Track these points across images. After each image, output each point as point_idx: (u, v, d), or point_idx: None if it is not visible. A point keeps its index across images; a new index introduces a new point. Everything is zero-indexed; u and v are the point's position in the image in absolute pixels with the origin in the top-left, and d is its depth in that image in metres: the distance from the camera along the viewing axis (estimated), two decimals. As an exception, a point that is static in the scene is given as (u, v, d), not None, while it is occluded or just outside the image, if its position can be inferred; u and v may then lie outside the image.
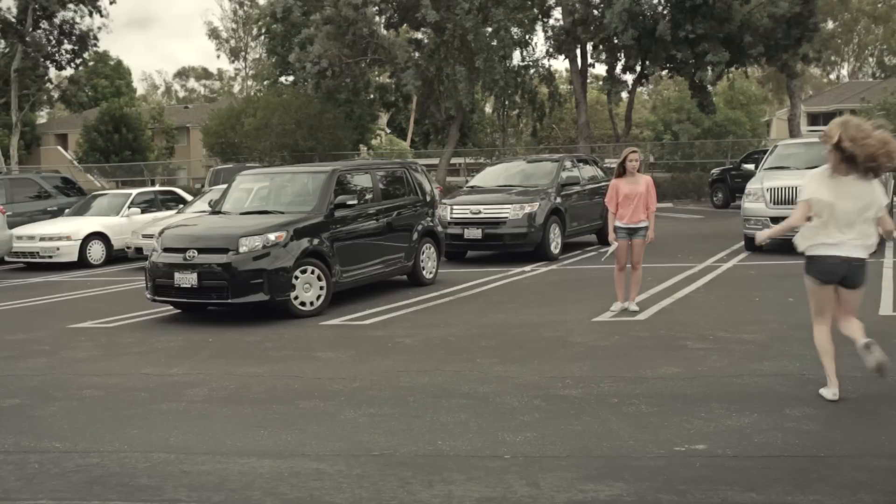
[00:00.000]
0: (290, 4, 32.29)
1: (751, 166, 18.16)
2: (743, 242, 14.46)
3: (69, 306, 11.95)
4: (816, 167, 5.90)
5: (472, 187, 16.43)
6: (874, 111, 36.55)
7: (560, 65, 71.61)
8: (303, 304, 9.98)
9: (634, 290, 9.59)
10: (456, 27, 30.37)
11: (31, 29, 37.01)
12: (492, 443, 5.19)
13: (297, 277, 9.91)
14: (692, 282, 11.36)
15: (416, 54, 32.79)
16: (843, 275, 5.54)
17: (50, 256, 16.79)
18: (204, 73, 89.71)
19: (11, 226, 16.98)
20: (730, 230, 17.65)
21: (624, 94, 35.49)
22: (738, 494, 4.24)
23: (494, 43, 32.08)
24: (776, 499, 4.17)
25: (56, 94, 43.07)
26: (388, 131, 55.06)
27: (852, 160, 5.35)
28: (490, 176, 16.84)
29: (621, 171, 9.41)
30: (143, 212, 17.86)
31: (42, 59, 37.76)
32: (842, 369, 6.52)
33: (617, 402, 5.91)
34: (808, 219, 5.58)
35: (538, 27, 35.38)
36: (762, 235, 6.12)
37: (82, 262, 16.91)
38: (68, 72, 41.56)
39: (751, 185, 14.04)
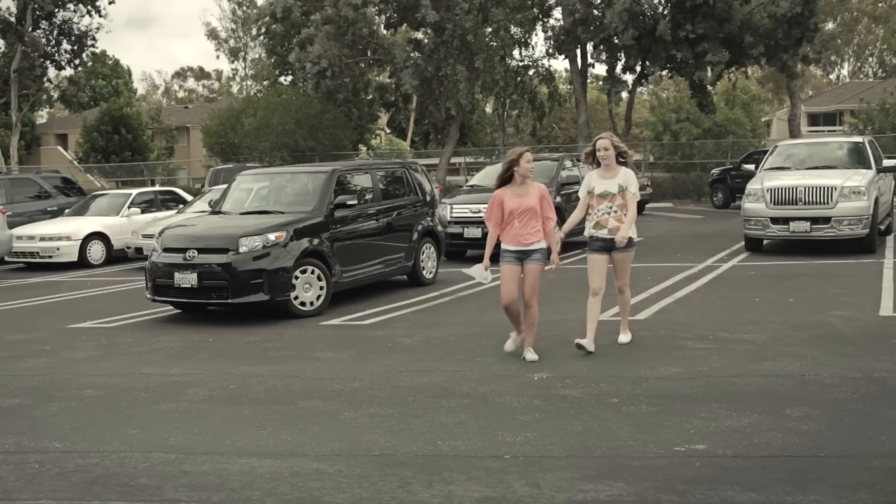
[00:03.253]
0: (290, 4, 32.27)
1: (751, 166, 18.15)
2: (743, 243, 14.46)
3: (69, 306, 11.95)
4: (816, 167, 6.12)
5: (472, 186, 16.44)
6: (873, 111, 36.57)
7: (560, 65, 71.66)
8: (303, 304, 9.98)
9: (531, 334, 7.44)
10: (456, 27, 30.36)
11: (30, 29, 37.01)
12: (492, 443, 5.19)
13: (297, 277, 9.91)
14: (692, 282, 11.36)
15: (416, 54, 32.79)
16: None
17: (50, 256, 16.79)
18: (202, 74, 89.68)
19: (11, 226, 16.97)
20: (730, 230, 17.65)
21: (624, 94, 35.47)
22: (738, 494, 4.24)
23: (494, 43, 32.07)
24: (776, 499, 4.17)
25: (56, 95, 43.06)
26: (388, 131, 55.08)
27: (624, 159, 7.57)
28: (490, 175, 16.81)
29: (507, 178, 7.40)
30: (143, 212, 17.85)
31: (41, 59, 37.75)
32: (842, 370, 6.54)
33: (617, 402, 5.91)
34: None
35: (538, 27, 35.38)
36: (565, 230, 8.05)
37: (82, 262, 16.90)
38: (68, 72, 41.59)
39: (751, 186, 14.03)
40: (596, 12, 30.98)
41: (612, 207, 7.53)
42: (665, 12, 29.79)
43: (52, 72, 40.70)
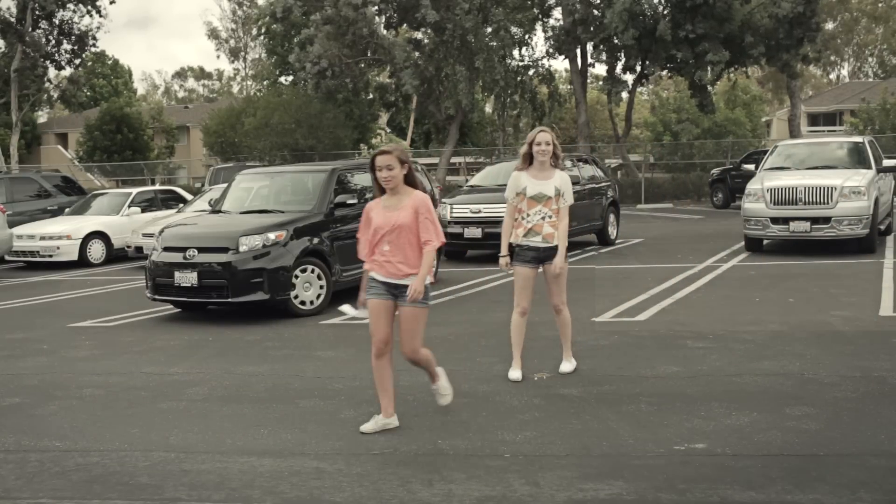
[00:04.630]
0: (290, 4, 32.29)
1: (751, 166, 18.15)
2: (743, 243, 14.46)
3: (69, 305, 11.95)
4: (816, 167, 6.04)
5: (472, 186, 16.43)
6: (873, 111, 36.59)
7: (560, 65, 71.59)
8: (303, 303, 9.99)
9: (386, 399, 5.56)
10: (456, 27, 30.38)
11: (30, 29, 37.03)
12: (492, 442, 5.20)
13: (297, 276, 9.92)
14: (692, 282, 11.36)
15: (416, 54, 32.80)
16: None
17: (50, 255, 16.79)
18: (202, 74, 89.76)
19: (12, 225, 16.97)
20: (730, 230, 17.65)
21: (624, 94, 35.49)
22: (737, 493, 4.24)
23: (494, 43, 32.09)
24: (776, 498, 4.18)
25: (56, 94, 43.10)
26: (388, 131, 55.08)
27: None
28: (490, 175, 16.83)
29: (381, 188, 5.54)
30: (143, 211, 17.86)
31: (41, 59, 37.77)
32: (842, 369, 6.54)
33: (617, 402, 5.91)
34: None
35: (538, 27, 35.40)
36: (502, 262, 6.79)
37: (82, 262, 16.91)
38: (68, 72, 41.61)
39: (751, 186, 14.03)
40: (596, 12, 31.01)
41: (547, 213, 6.60)
42: (665, 12, 29.82)
43: (52, 72, 40.78)
